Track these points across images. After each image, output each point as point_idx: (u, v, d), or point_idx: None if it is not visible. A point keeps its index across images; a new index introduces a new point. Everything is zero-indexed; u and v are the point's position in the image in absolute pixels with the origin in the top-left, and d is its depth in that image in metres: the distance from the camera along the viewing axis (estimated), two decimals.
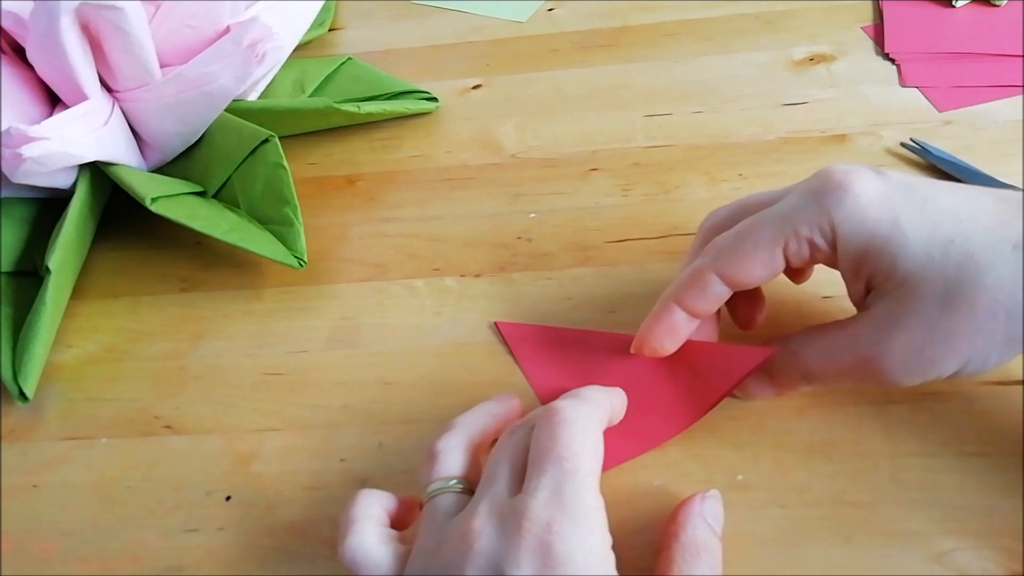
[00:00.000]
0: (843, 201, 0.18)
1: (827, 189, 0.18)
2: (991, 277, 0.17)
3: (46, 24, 0.27)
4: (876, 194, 0.18)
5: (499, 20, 0.40)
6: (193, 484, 0.24)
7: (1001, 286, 0.17)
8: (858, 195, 0.18)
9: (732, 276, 0.20)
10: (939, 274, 0.17)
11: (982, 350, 0.18)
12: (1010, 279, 0.17)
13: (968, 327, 0.17)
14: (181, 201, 0.29)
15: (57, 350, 0.28)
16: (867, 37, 0.36)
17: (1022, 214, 0.17)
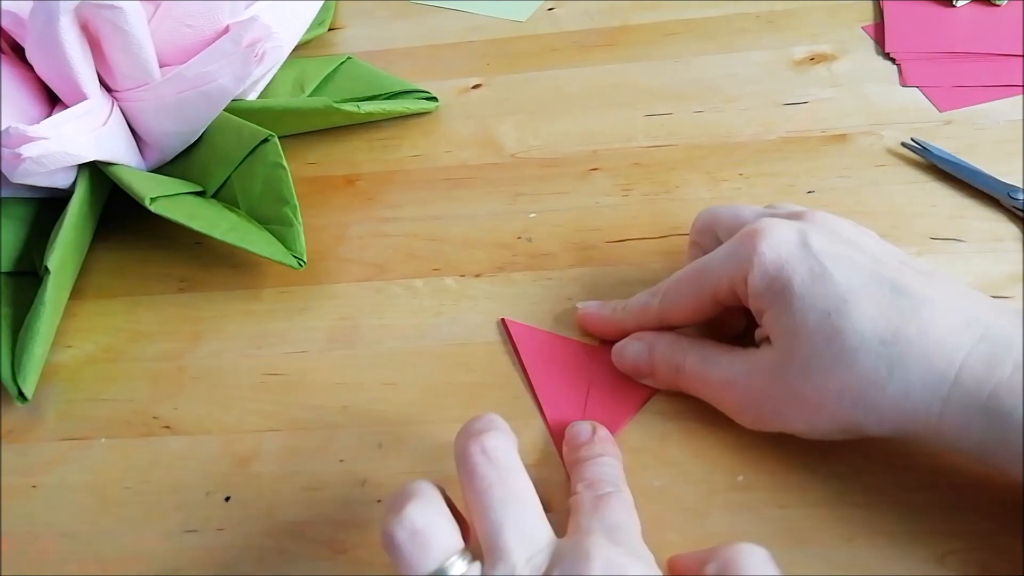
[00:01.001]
0: (752, 261, 0.20)
1: (745, 246, 0.20)
2: (850, 361, 0.18)
3: (45, 24, 0.27)
4: (781, 256, 0.20)
5: (499, 19, 0.40)
6: (192, 485, 0.24)
7: (857, 373, 0.18)
8: (764, 254, 0.20)
9: (671, 322, 0.23)
10: (808, 341, 0.19)
11: (823, 425, 0.19)
12: (868, 369, 0.18)
13: (817, 399, 0.19)
14: (180, 201, 0.29)
15: (56, 350, 0.28)
16: (868, 37, 0.36)
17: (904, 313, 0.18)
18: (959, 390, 0.17)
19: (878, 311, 0.18)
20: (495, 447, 0.18)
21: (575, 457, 0.21)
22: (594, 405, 0.23)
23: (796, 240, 0.20)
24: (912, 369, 0.18)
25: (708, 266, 0.22)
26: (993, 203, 0.28)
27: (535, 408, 0.24)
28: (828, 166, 0.30)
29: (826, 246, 0.20)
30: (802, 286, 0.19)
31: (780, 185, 0.30)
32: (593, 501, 0.19)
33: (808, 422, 0.20)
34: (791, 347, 0.19)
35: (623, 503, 0.19)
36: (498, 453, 0.18)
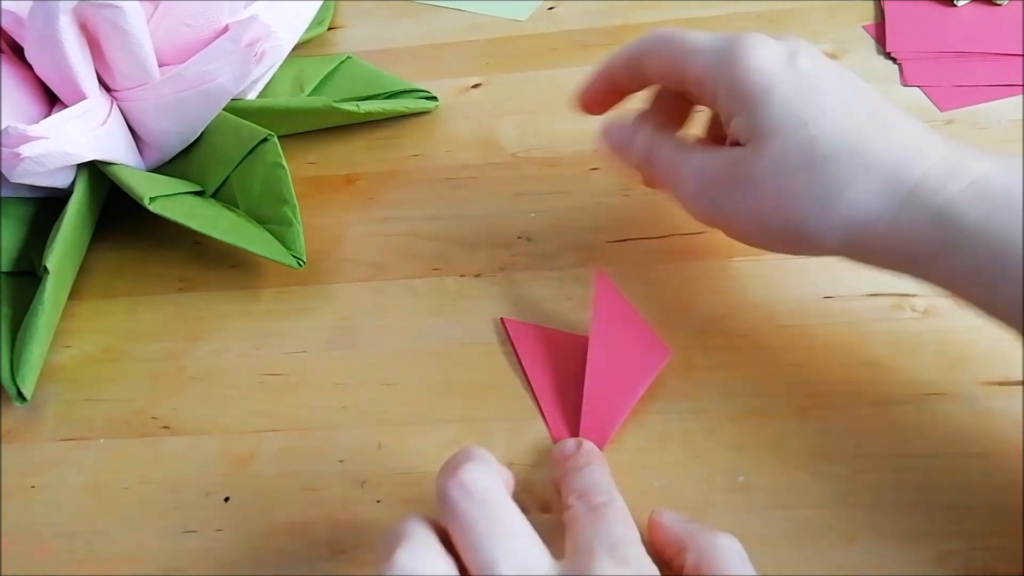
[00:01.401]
0: (737, 62, 0.20)
1: (734, 49, 0.21)
2: (817, 162, 0.19)
3: (44, 23, 0.27)
4: (766, 66, 0.20)
5: (499, 18, 0.40)
6: (191, 485, 0.23)
7: (821, 177, 0.19)
8: (750, 59, 0.20)
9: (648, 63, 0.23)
10: (780, 142, 0.20)
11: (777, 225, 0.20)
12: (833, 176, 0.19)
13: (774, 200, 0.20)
14: (179, 200, 0.29)
15: (55, 350, 0.28)
16: (868, 36, 0.36)
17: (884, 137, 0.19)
18: (914, 198, 0.18)
19: (854, 125, 0.19)
20: (473, 480, 0.17)
21: (563, 469, 0.21)
22: (593, 398, 0.23)
23: (785, 54, 0.20)
24: (874, 178, 0.19)
25: (691, 46, 0.22)
26: None
27: (535, 408, 0.24)
28: None
29: (813, 65, 0.20)
30: (783, 94, 0.20)
31: None
32: (589, 514, 0.18)
33: (758, 221, 0.21)
34: (762, 147, 0.20)
35: (620, 514, 0.19)
36: (477, 486, 0.17)
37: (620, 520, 0.18)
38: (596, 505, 0.19)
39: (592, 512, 0.18)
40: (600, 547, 0.17)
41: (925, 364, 0.23)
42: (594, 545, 0.17)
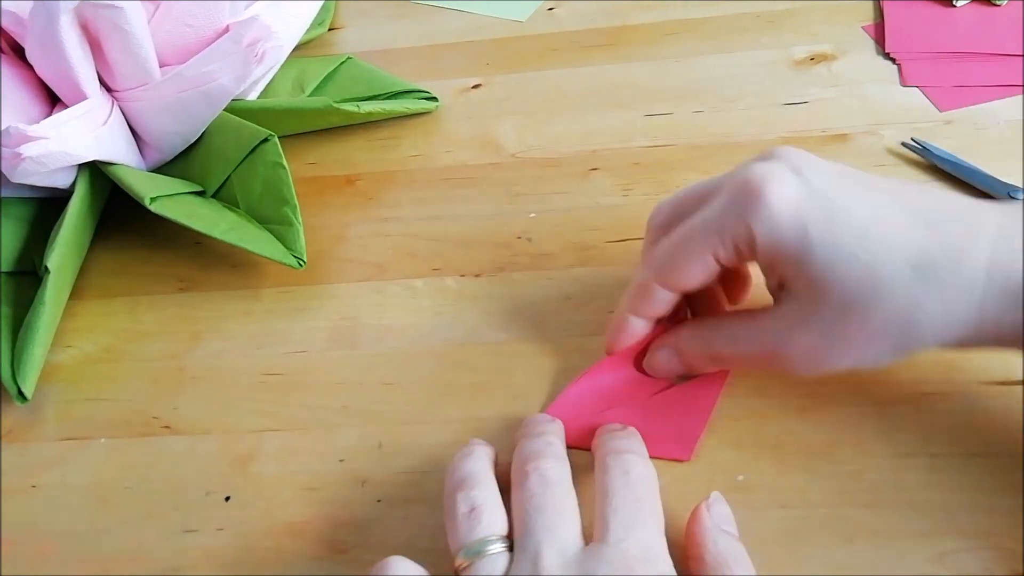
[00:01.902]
0: (759, 210, 0.19)
1: (744, 197, 0.19)
2: (887, 292, 0.18)
3: (45, 23, 0.27)
4: (789, 203, 0.19)
5: (499, 19, 0.40)
6: (192, 485, 0.23)
7: (895, 302, 0.18)
8: (771, 204, 0.19)
9: (674, 285, 0.21)
10: (840, 284, 0.18)
11: (873, 354, 0.19)
12: (904, 297, 0.18)
13: (862, 335, 0.19)
14: (180, 201, 0.29)
15: (56, 350, 0.28)
16: (868, 36, 0.36)
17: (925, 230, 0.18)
18: (992, 286, 0.18)
19: (899, 235, 0.18)
20: (549, 468, 0.19)
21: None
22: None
23: (796, 181, 0.19)
24: (946, 282, 0.18)
25: (704, 227, 0.20)
26: None
27: (532, 410, 0.24)
28: None
29: (826, 181, 0.19)
30: (820, 232, 0.18)
31: None
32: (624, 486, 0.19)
33: (860, 357, 0.20)
34: (821, 295, 0.19)
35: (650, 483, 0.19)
36: (551, 474, 0.19)
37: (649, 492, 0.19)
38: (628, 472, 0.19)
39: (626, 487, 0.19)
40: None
41: (925, 364, 0.23)
42: (620, 534, 0.18)
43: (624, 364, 0.24)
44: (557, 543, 0.18)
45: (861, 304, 0.18)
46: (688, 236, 0.21)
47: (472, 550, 0.18)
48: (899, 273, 0.18)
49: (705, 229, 0.20)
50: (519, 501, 0.19)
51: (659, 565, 0.17)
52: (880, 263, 0.18)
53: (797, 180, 0.19)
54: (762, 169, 0.19)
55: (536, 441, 0.20)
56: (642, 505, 0.18)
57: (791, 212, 0.19)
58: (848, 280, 0.18)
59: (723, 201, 0.20)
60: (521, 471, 0.19)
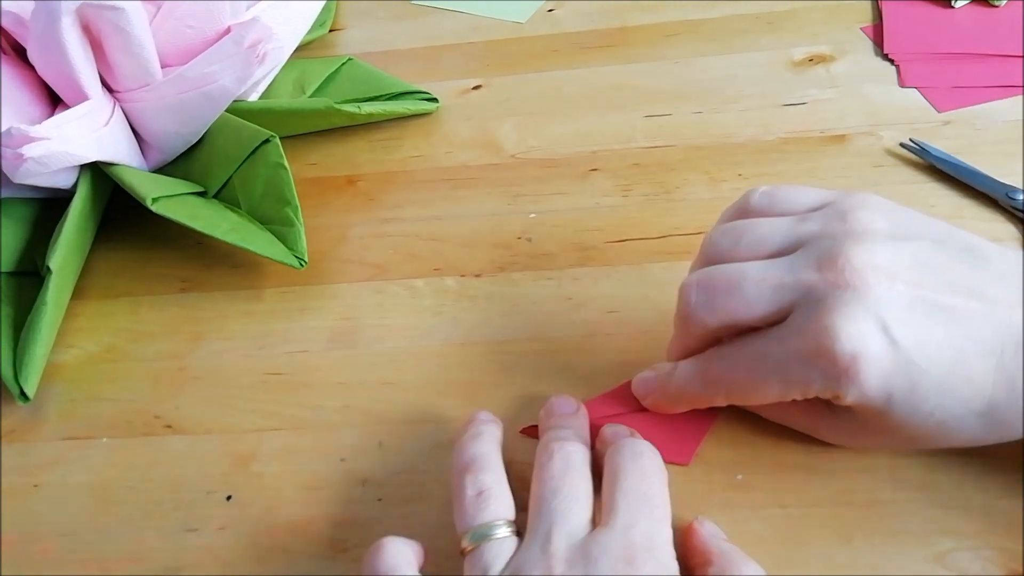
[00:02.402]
0: (848, 388, 0.18)
1: (834, 372, 0.18)
2: (951, 438, 0.19)
3: (47, 24, 0.27)
4: (879, 376, 0.18)
5: (499, 20, 0.40)
6: (193, 484, 0.24)
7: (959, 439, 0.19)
8: (863, 383, 0.18)
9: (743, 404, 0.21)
10: (910, 432, 0.19)
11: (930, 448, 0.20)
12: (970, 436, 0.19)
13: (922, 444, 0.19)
14: (182, 201, 0.29)
15: (57, 350, 0.28)
16: (866, 37, 0.36)
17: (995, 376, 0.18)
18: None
19: (973, 389, 0.18)
20: (573, 451, 0.20)
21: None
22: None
23: (886, 351, 0.18)
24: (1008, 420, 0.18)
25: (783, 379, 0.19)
26: (992, 204, 0.28)
27: (532, 410, 0.24)
28: (827, 166, 0.30)
29: (911, 333, 0.18)
30: (903, 398, 0.18)
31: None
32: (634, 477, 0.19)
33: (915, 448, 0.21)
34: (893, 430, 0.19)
35: (658, 474, 0.19)
36: (573, 457, 0.19)
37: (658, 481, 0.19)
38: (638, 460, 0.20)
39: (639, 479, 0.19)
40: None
41: None
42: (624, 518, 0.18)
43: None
44: (568, 527, 0.18)
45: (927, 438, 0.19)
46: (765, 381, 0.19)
47: (479, 534, 0.18)
48: (967, 422, 0.18)
49: (786, 383, 0.19)
50: (539, 480, 0.19)
51: (661, 556, 0.17)
52: (953, 417, 0.18)
53: (886, 347, 0.18)
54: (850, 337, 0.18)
55: (565, 421, 0.21)
56: (652, 491, 0.19)
57: (881, 386, 0.18)
58: (919, 430, 0.19)
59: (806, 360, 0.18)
60: (546, 450, 0.20)
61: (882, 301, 0.18)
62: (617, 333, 0.26)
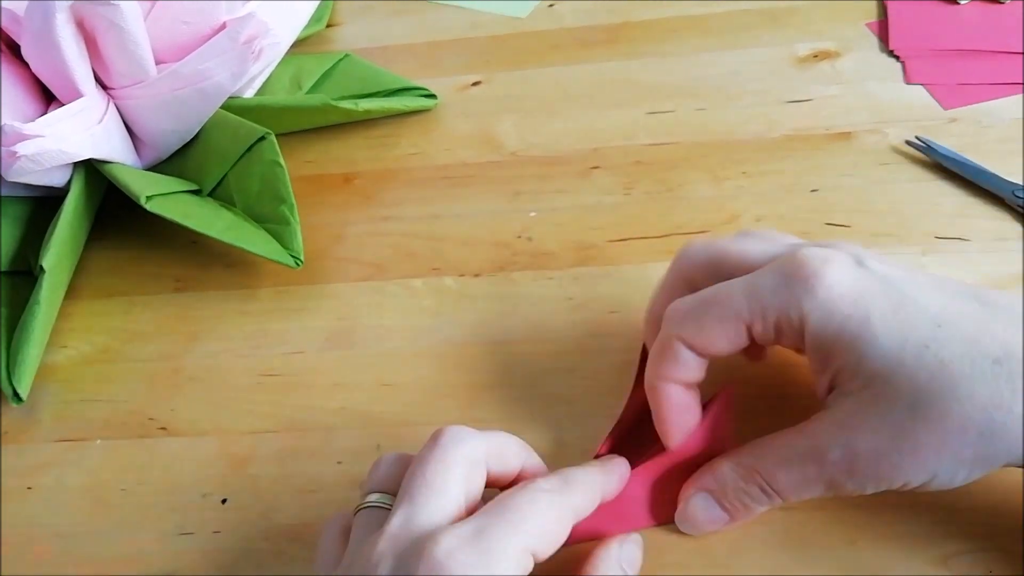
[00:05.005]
0: (815, 290, 0.17)
1: (800, 275, 0.17)
2: (965, 390, 0.16)
3: (41, 21, 0.27)
4: (850, 287, 0.17)
5: (499, 16, 0.40)
6: (188, 487, 0.23)
7: (975, 402, 0.16)
8: (831, 286, 0.17)
9: (696, 345, 0.19)
10: (909, 379, 0.16)
11: (949, 465, 0.17)
12: (985, 395, 0.16)
13: (936, 439, 0.16)
14: (176, 200, 0.29)
15: (51, 351, 0.28)
16: (871, 34, 0.35)
17: (1006, 324, 0.16)
18: None
19: (976, 327, 0.16)
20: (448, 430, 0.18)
21: None
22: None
23: (858, 267, 0.17)
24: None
25: (745, 293, 0.18)
26: (998, 202, 0.27)
27: (532, 411, 0.24)
28: (832, 164, 0.30)
29: (891, 270, 0.17)
30: (886, 319, 0.16)
31: (783, 183, 0.29)
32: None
33: (935, 467, 0.17)
34: (886, 391, 0.17)
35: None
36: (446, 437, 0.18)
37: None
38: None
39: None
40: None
41: None
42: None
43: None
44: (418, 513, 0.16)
45: (935, 401, 0.16)
46: (724, 297, 0.18)
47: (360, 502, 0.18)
48: (979, 368, 0.16)
49: (747, 296, 0.18)
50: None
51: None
52: (957, 356, 0.16)
53: (859, 266, 0.17)
54: (820, 251, 0.17)
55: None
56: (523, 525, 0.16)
57: (852, 296, 0.17)
58: (920, 374, 0.16)
59: (772, 272, 0.18)
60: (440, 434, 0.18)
61: (860, 251, 0.18)
62: (618, 334, 0.25)
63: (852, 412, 0.17)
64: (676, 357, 0.19)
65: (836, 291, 0.17)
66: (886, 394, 0.17)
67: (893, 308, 0.17)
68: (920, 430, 0.16)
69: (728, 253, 0.20)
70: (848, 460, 0.17)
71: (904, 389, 0.16)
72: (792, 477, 0.18)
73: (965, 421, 0.16)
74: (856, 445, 0.17)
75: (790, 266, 0.18)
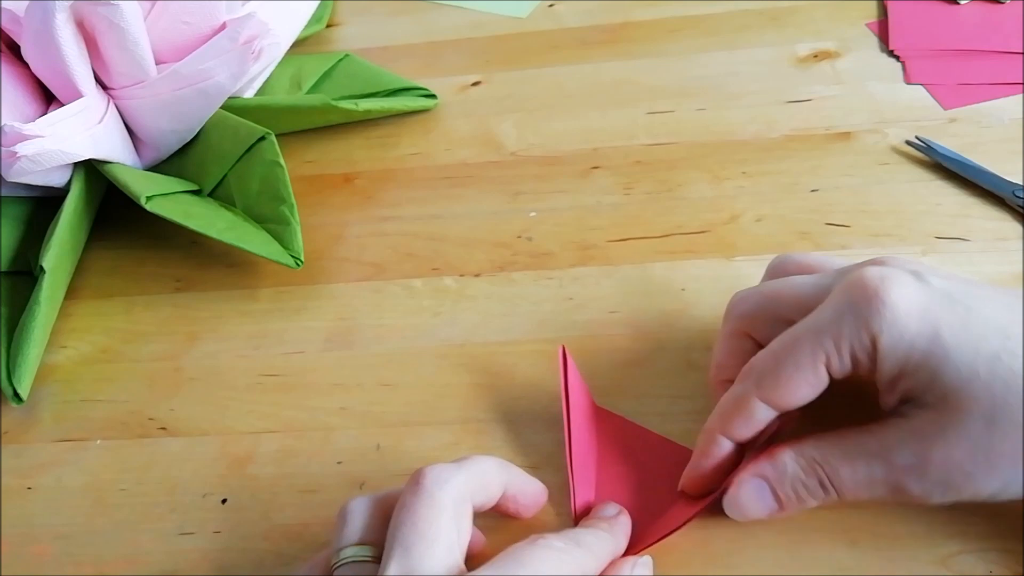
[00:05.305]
0: (881, 313, 0.17)
1: (864, 300, 0.17)
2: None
3: (41, 21, 0.27)
4: (916, 305, 0.17)
5: (499, 16, 0.40)
6: (188, 487, 0.23)
7: None
8: (896, 306, 0.17)
9: (778, 401, 0.19)
10: (985, 391, 0.16)
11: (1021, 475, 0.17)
12: None
13: (1013, 447, 0.17)
14: (176, 200, 0.29)
15: (51, 351, 0.28)
16: (872, 34, 0.35)
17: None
18: None
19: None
20: (429, 471, 0.18)
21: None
22: (644, 502, 0.21)
23: (919, 283, 0.17)
24: None
25: (815, 332, 0.18)
26: (998, 202, 0.27)
27: (531, 413, 0.24)
28: (832, 164, 0.30)
29: (949, 284, 0.17)
30: (955, 335, 0.16)
31: (783, 184, 0.29)
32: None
33: (1009, 477, 0.17)
34: (962, 405, 0.17)
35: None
36: (427, 479, 0.17)
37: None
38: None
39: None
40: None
41: None
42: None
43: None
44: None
45: (1011, 410, 0.16)
46: (796, 343, 0.18)
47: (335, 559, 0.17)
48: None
49: (817, 335, 0.18)
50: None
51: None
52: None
53: (919, 282, 0.17)
54: (878, 271, 0.17)
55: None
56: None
57: (919, 314, 0.17)
58: (995, 383, 0.16)
59: (836, 304, 0.18)
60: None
61: (916, 265, 0.18)
62: (619, 334, 0.25)
63: (928, 422, 0.17)
64: (751, 415, 0.19)
65: (902, 308, 0.17)
66: (963, 407, 0.17)
67: (960, 321, 0.17)
68: (997, 439, 0.16)
69: (780, 295, 0.20)
70: (920, 467, 0.17)
71: (981, 400, 0.16)
72: (857, 475, 0.18)
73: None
74: (930, 455, 0.17)
75: (852, 292, 0.17)
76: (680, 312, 0.26)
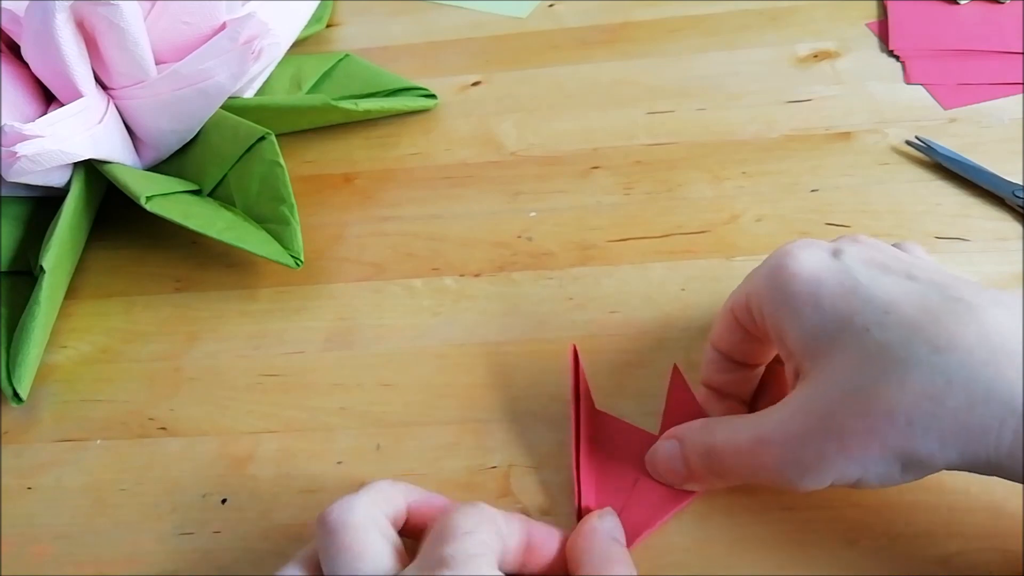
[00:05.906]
0: (777, 270, 0.18)
1: (773, 258, 0.19)
2: (897, 376, 0.15)
3: (41, 21, 0.27)
4: (811, 270, 0.17)
5: (499, 16, 0.40)
6: (188, 487, 0.23)
7: (906, 388, 0.15)
8: (790, 265, 0.18)
9: (713, 341, 0.21)
10: (848, 362, 0.16)
11: (876, 459, 0.16)
12: (918, 383, 0.15)
13: (863, 426, 0.16)
14: (176, 200, 0.29)
15: (51, 351, 0.28)
16: (872, 34, 0.35)
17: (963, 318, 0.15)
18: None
19: (927, 317, 0.16)
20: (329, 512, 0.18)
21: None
22: (637, 497, 0.21)
23: (825, 253, 0.18)
24: (976, 379, 0.15)
25: (742, 284, 0.20)
26: (998, 202, 0.27)
27: (531, 413, 0.24)
28: (832, 164, 0.30)
29: (861, 257, 0.17)
30: (832, 299, 0.17)
31: (783, 184, 0.29)
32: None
33: (858, 459, 0.16)
34: (825, 370, 0.16)
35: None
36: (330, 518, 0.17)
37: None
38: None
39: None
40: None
41: None
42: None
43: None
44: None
45: (866, 386, 0.16)
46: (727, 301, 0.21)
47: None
48: (916, 354, 0.15)
49: (741, 286, 0.20)
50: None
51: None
52: (896, 341, 0.15)
53: (829, 255, 0.18)
54: (805, 242, 0.19)
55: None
56: None
57: (808, 276, 0.17)
58: (857, 356, 0.16)
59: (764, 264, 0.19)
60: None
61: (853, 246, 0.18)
62: (619, 334, 0.25)
63: (796, 397, 0.17)
64: (705, 357, 0.21)
65: (794, 269, 0.18)
66: (825, 374, 0.16)
67: (846, 292, 0.17)
68: (849, 415, 0.16)
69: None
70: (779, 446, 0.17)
71: (841, 369, 0.16)
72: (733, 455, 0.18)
73: (894, 408, 0.15)
74: (790, 427, 0.17)
75: (773, 255, 0.19)
76: (680, 312, 0.26)
